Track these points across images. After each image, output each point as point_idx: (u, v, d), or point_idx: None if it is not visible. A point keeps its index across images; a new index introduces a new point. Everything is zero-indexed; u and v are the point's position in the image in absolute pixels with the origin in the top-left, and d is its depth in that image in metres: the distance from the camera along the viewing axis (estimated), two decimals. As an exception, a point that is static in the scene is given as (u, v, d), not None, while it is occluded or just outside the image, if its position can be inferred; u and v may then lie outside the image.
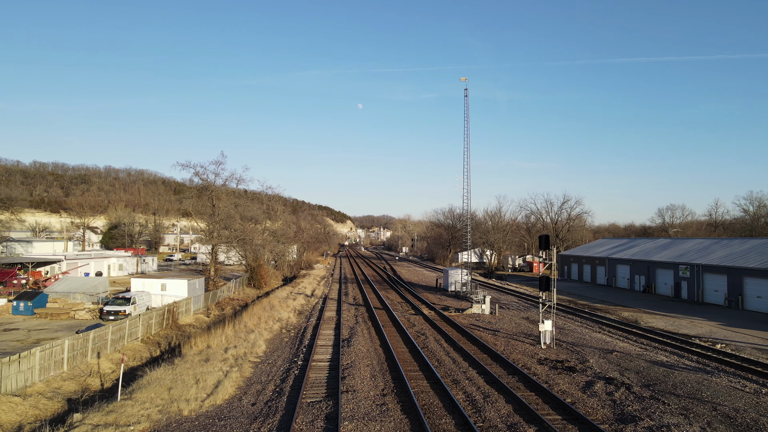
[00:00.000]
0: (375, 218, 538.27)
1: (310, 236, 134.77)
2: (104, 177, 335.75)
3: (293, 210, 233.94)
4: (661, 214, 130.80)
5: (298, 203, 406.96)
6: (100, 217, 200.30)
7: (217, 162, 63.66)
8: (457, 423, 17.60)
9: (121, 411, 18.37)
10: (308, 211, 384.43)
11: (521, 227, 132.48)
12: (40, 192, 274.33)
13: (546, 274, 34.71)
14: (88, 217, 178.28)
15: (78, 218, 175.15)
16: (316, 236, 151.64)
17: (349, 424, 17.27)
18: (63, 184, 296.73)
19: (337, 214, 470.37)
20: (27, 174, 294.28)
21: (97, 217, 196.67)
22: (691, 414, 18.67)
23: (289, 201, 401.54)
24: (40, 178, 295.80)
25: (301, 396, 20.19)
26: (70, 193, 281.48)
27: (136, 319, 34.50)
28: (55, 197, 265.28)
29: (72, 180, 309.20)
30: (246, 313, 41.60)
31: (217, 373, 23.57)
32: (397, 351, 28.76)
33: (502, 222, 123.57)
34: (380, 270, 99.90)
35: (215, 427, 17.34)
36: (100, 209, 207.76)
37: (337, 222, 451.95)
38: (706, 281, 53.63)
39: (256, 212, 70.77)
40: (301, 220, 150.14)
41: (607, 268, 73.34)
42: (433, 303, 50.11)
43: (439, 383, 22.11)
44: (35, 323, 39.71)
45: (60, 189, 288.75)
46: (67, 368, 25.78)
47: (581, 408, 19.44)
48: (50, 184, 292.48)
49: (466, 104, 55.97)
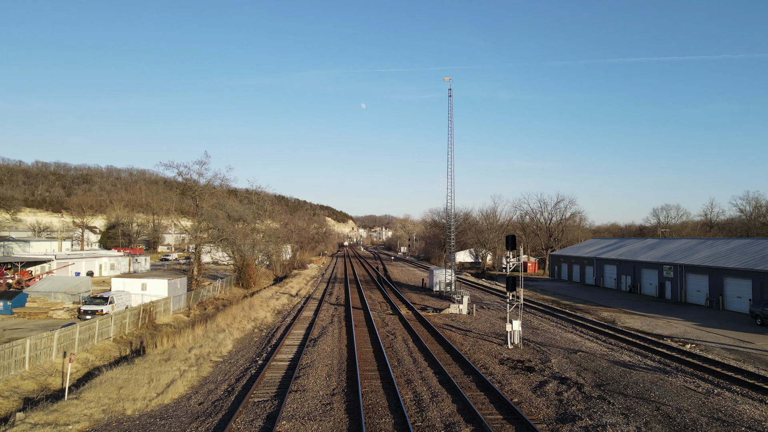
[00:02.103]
0: (377, 218, 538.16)
1: (304, 236, 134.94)
2: (106, 177, 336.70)
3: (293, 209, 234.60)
4: (656, 214, 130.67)
5: (299, 203, 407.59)
6: (99, 216, 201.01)
7: (200, 162, 64.14)
8: (396, 423, 17.69)
9: (64, 410, 18.52)
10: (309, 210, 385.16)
11: (516, 227, 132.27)
12: (41, 192, 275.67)
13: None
14: (87, 216, 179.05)
15: (78, 218, 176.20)
16: (311, 236, 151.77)
17: (287, 423, 17.38)
18: (65, 184, 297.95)
19: (339, 214, 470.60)
20: (29, 174, 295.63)
21: (96, 216, 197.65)
22: (632, 414, 18.71)
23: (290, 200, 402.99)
24: (42, 177, 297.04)
25: (249, 395, 20.32)
26: (72, 193, 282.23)
27: (108, 319, 34.69)
28: (56, 197, 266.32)
29: (74, 180, 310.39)
30: (222, 312, 41.77)
31: (174, 372, 23.72)
32: (361, 351, 28.88)
33: (497, 222, 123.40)
34: (372, 270, 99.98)
35: (154, 426, 17.48)
36: (99, 209, 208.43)
37: (339, 222, 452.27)
38: (689, 281, 53.54)
39: (245, 212, 70.98)
40: (298, 220, 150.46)
41: (595, 268, 73.27)
42: (413, 303, 50.20)
43: (391, 383, 22.20)
44: (12, 323, 39.95)
45: (62, 189, 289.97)
46: (29, 367, 25.96)
47: (525, 408, 19.50)
48: (52, 184, 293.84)
49: (450, 104, 56.09)
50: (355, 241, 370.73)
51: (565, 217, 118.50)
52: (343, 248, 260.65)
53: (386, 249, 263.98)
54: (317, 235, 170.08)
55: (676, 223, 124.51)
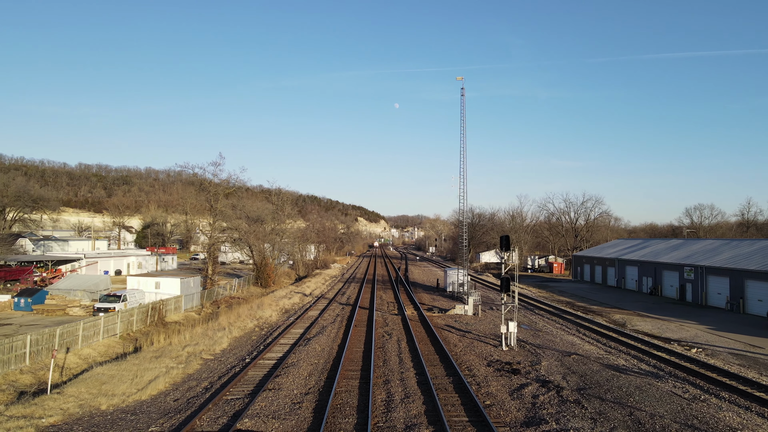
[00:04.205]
0: (409, 218, 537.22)
1: (330, 236, 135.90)
2: (144, 178, 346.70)
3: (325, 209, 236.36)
4: (689, 213, 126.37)
5: (331, 203, 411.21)
6: (135, 216, 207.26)
7: (215, 163, 65.67)
8: (357, 423, 17.73)
9: (43, 404, 19.26)
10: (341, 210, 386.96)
11: (544, 227, 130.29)
12: (84, 193, 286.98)
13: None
14: (125, 216, 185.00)
15: (115, 218, 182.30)
16: (338, 236, 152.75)
17: (249, 421, 17.63)
18: (106, 185, 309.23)
19: (371, 214, 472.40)
20: (72, 175, 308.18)
21: (133, 216, 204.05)
22: (601, 418, 18.27)
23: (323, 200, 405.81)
24: (85, 179, 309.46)
25: (223, 393, 20.70)
26: (113, 194, 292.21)
27: (114, 316, 35.81)
28: (97, 198, 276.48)
29: (114, 181, 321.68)
30: (228, 311, 42.55)
31: (161, 369, 24.35)
32: (351, 351, 29.01)
33: (523, 222, 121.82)
34: (393, 270, 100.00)
35: (123, 421, 18.00)
36: (135, 209, 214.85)
37: (371, 222, 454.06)
38: (710, 284, 51.74)
39: (263, 212, 72.12)
40: (325, 221, 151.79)
41: (616, 269, 71.50)
42: (422, 303, 50.04)
43: (369, 383, 22.24)
44: (30, 319, 41.65)
45: (103, 190, 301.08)
46: (30, 362, 27.05)
47: (494, 410, 19.28)
48: (94, 185, 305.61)
49: (463, 104, 55.61)
50: (384, 241, 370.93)
51: (592, 217, 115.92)
52: (372, 248, 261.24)
53: (416, 249, 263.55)
54: (344, 235, 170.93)
55: (710, 224, 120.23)
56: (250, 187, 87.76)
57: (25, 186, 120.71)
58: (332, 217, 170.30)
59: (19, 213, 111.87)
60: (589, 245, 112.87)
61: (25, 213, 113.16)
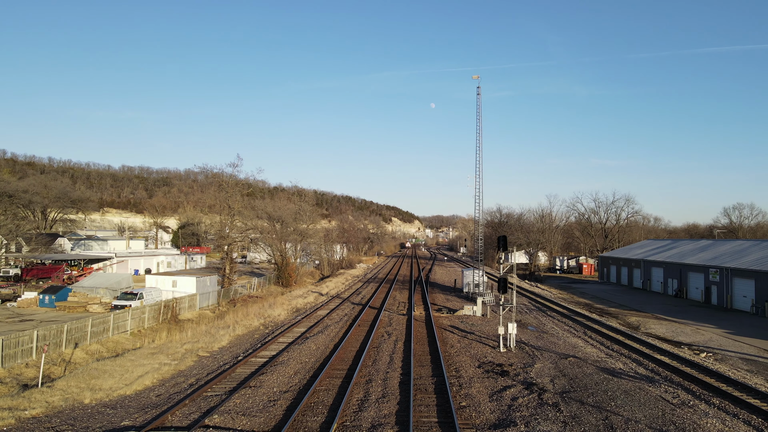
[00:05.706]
0: (444, 218, 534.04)
1: (359, 236, 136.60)
2: (184, 179, 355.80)
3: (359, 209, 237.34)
4: (727, 213, 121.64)
5: (365, 203, 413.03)
6: (173, 216, 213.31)
7: (233, 164, 66.97)
8: (324, 422, 17.88)
9: (31, 397, 20.11)
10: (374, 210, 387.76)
11: (574, 227, 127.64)
12: (126, 194, 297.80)
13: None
14: (163, 217, 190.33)
15: (153, 218, 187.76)
16: (366, 236, 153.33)
17: (218, 417, 17.99)
18: (147, 186, 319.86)
19: (405, 214, 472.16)
20: (116, 177, 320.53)
21: (170, 216, 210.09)
22: (573, 422, 17.88)
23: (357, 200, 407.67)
24: (128, 181, 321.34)
25: (205, 389, 21.16)
26: (153, 195, 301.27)
27: (125, 313, 36.97)
28: (139, 198, 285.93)
29: (155, 182, 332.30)
30: (237, 310, 43.32)
31: (153, 365, 25.04)
32: (345, 350, 29.17)
33: (552, 222, 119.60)
34: (417, 270, 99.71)
35: (102, 414, 18.63)
36: (173, 209, 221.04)
37: (405, 222, 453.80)
38: (735, 286, 49.74)
39: (284, 213, 73.14)
40: (356, 220, 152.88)
41: (642, 270, 69.46)
42: (434, 304, 49.83)
43: (350, 383, 22.35)
44: (53, 315, 43.40)
45: (144, 191, 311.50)
46: (36, 356, 28.19)
47: (466, 412, 19.11)
48: (136, 186, 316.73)
49: (479, 103, 54.91)
50: (416, 241, 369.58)
51: (623, 216, 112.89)
52: (404, 248, 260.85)
53: (448, 249, 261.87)
54: (374, 235, 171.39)
55: (750, 224, 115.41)
56: (284, 187, 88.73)
57: (65, 188, 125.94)
58: (362, 218, 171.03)
59: (60, 213, 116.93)
60: (621, 245, 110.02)
61: (65, 213, 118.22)
